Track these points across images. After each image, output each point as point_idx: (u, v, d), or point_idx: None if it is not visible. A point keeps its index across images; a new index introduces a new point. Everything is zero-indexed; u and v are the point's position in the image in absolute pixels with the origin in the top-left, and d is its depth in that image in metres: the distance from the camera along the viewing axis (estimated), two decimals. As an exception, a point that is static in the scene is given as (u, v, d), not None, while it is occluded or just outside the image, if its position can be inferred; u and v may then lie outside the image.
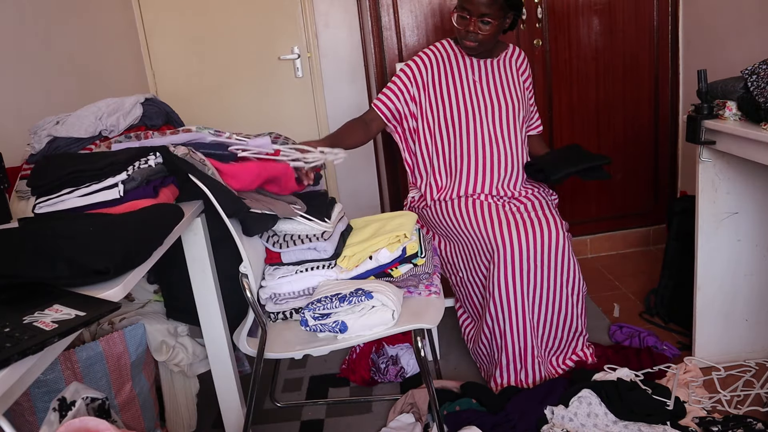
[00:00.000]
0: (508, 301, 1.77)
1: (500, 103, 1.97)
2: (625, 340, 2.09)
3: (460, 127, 1.96)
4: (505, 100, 1.98)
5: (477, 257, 1.84)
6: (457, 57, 1.99)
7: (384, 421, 1.81)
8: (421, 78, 1.98)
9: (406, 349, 2.08)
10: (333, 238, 1.57)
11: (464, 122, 1.95)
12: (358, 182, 2.98)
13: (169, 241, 1.20)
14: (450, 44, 2.01)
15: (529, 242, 1.74)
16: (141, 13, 2.78)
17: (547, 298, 1.81)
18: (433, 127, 1.99)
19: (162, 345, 1.55)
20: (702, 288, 1.85)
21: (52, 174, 1.21)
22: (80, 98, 2.06)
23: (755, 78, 1.51)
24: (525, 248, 1.74)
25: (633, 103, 2.81)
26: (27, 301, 0.87)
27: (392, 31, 2.72)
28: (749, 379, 1.82)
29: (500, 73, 2.00)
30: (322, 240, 1.53)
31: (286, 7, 2.79)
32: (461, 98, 1.96)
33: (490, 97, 1.97)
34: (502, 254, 1.74)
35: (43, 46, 1.97)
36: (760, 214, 1.80)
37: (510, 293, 1.77)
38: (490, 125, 1.96)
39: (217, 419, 1.74)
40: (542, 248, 1.75)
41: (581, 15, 2.70)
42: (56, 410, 0.87)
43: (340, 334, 1.42)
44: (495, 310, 1.79)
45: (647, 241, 2.98)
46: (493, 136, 1.96)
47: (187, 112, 1.96)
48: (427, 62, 1.98)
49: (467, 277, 1.91)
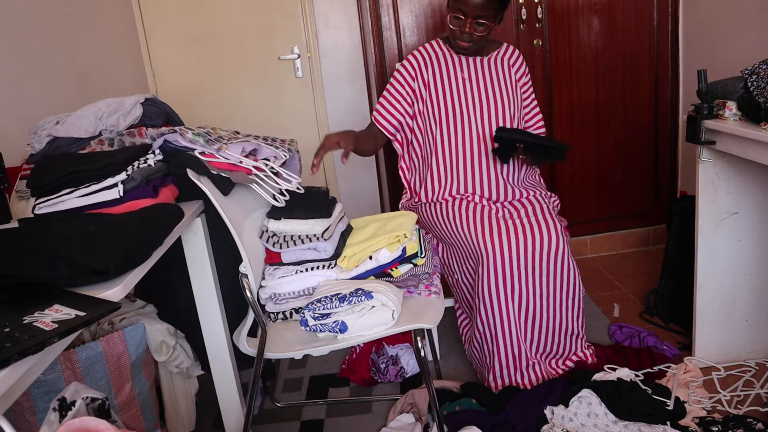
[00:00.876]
0: (498, 306, 1.76)
1: (489, 101, 1.96)
2: (625, 340, 2.09)
3: (451, 126, 1.95)
4: (494, 98, 1.97)
5: (467, 261, 1.84)
6: (446, 56, 1.99)
7: (384, 421, 1.81)
8: (413, 80, 1.98)
9: (406, 349, 2.08)
10: (333, 239, 1.57)
11: (454, 121, 1.95)
12: (358, 182, 2.98)
13: (169, 241, 1.20)
14: (438, 44, 2.01)
15: (519, 248, 1.73)
16: (141, 13, 2.78)
17: (542, 304, 1.80)
18: (425, 126, 1.99)
19: (162, 345, 1.55)
20: (702, 288, 1.85)
21: (52, 174, 1.21)
22: (80, 98, 2.06)
23: (755, 78, 1.51)
24: (514, 254, 1.73)
25: (633, 103, 2.81)
26: (27, 301, 0.87)
27: (392, 31, 2.72)
28: (749, 379, 1.82)
29: (490, 71, 1.99)
30: (322, 240, 1.53)
31: (286, 7, 2.79)
32: (450, 96, 1.96)
33: (479, 95, 1.96)
34: (488, 260, 1.73)
35: (43, 46, 1.97)
36: (760, 214, 1.80)
37: (498, 299, 1.76)
38: (479, 123, 1.95)
39: (217, 419, 1.74)
40: (533, 254, 1.74)
41: (581, 15, 2.70)
42: (56, 410, 0.87)
43: (340, 334, 1.42)
44: (485, 315, 1.79)
45: (647, 241, 2.98)
46: (483, 135, 1.95)
47: (187, 112, 1.96)
48: (415, 64, 1.98)
49: (461, 279, 1.91)
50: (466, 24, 1.83)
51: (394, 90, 2.00)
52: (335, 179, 2.98)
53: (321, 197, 1.64)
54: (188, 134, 1.41)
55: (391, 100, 2.00)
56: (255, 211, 1.61)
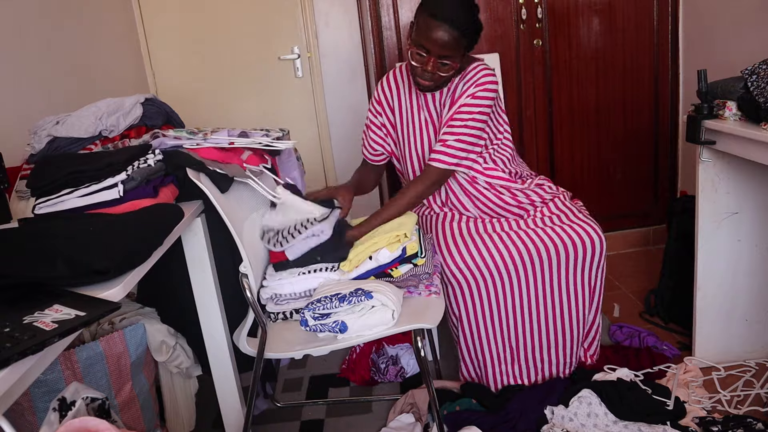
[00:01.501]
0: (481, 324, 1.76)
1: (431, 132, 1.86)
2: (625, 340, 2.09)
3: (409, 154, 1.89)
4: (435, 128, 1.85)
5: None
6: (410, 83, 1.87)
7: (384, 421, 1.81)
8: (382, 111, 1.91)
9: (406, 349, 2.08)
10: (329, 220, 1.55)
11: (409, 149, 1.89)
12: (358, 182, 2.98)
13: (169, 241, 1.20)
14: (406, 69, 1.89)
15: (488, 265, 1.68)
16: (141, 13, 2.78)
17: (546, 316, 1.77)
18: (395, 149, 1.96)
19: (162, 345, 1.55)
20: (702, 288, 1.85)
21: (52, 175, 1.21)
22: (80, 98, 2.05)
23: (755, 78, 1.51)
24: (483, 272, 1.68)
25: (633, 103, 2.81)
26: (27, 301, 0.87)
27: (392, 31, 2.72)
28: (749, 379, 1.82)
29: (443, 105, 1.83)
30: (316, 223, 1.52)
31: (286, 7, 2.79)
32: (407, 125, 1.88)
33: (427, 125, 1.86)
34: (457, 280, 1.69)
35: (43, 46, 1.97)
36: (760, 214, 1.80)
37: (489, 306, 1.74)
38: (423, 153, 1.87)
39: (217, 419, 1.74)
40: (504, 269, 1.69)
41: (581, 15, 2.70)
42: (56, 410, 0.87)
43: (340, 334, 1.42)
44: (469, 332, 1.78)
45: (647, 241, 2.98)
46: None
47: (187, 112, 1.96)
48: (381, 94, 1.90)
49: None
50: (429, 62, 1.64)
51: (370, 122, 1.94)
52: (335, 179, 2.98)
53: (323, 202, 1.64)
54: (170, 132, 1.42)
55: (370, 135, 1.95)
56: (255, 211, 1.61)
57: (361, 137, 1.99)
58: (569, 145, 2.84)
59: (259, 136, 1.56)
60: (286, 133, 1.74)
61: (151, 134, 1.48)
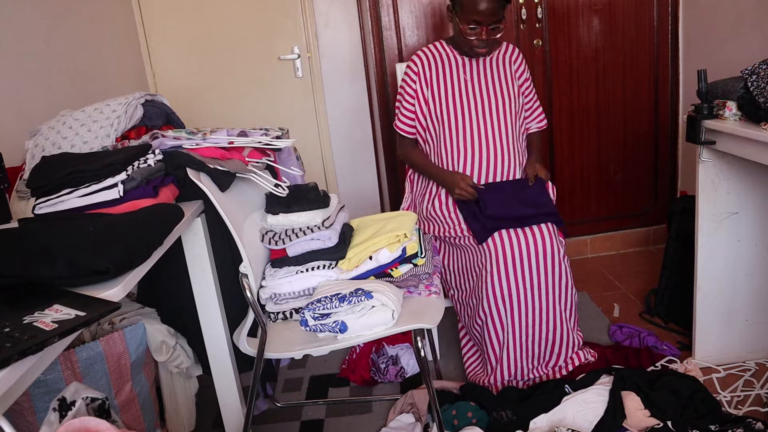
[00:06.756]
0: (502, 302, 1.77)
1: (492, 99, 1.96)
2: (625, 340, 2.09)
3: (453, 128, 1.94)
4: (496, 96, 1.97)
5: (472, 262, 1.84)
6: (449, 57, 1.98)
7: (384, 421, 1.81)
8: (422, 79, 1.97)
9: (406, 349, 2.08)
10: (335, 227, 1.56)
11: (459, 120, 1.94)
12: (358, 182, 2.98)
13: (169, 241, 1.20)
14: (442, 45, 2.00)
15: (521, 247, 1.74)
16: (141, 13, 2.78)
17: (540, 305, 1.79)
18: (428, 127, 1.98)
19: (162, 345, 1.55)
20: (702, 288, 1.85)
21: (52, 175, 1.21)
22: (80, 98, 2.06)
23: (755, 78, 1.51)
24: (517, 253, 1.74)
25: (633, 103, 2.81)
26: (27, 301, 0.87)
27: (392, 31, 2.72)
28: (749, 379, 1.82)
29: (492, 71, 1.99)
30: (323, 229, 1.53)
31: (286, 7, 2.79)
32: (453, 99, 1.95)
33: (482, 95, 1.96)
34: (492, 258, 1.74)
35: (43, 46, 1.97)
36: (760, 214, 1.80)
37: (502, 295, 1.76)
38: (482, 122, 1.94)
39: (217, 419, 1.74)
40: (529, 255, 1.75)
41: (581, 15, 2.70)
42: (56, 410, 0.87)
43: (340, 334, 1.42)
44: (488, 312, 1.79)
45: (647, 241, 2.98)
46: (487, 133, 1.94)
47: (187, 112, 1.96)
48: (420, 64, 1.98)
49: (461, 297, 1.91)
50: (483, 32, 1.82)
51: (408, 95, 1.99)
52: (335, 179, 2.98)
53: (313, 192, 1.63)
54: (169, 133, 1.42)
55: (407, 107, 2.00)
56: (255, 211, 1.62)
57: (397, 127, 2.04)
58: (569, 145, 2.84)
59: (258, 136, 1.56)
60: (286, 132, 1.74)
61: (151, 135, 1.48)
